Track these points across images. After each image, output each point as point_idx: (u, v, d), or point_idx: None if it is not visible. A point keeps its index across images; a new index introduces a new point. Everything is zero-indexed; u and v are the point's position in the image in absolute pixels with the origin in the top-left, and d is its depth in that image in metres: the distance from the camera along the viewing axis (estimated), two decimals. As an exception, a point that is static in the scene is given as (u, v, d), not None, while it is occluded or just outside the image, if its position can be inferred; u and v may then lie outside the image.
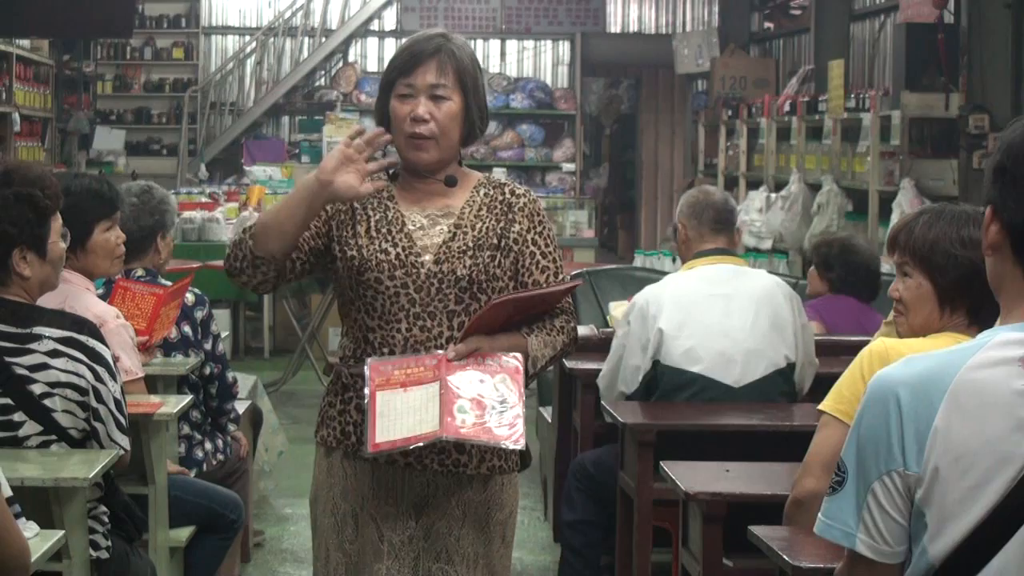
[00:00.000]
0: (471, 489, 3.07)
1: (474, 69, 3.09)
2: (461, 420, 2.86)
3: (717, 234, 4.83)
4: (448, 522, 3.06)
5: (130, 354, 4.18)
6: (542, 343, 3.04)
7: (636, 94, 18.71)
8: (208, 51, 17.47)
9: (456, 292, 3.02)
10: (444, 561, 3.05)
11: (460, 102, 3.05)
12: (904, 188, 9.10)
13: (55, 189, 3.48)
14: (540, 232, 3.10)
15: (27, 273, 3.43)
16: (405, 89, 3.04)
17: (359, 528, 3.08)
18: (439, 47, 3.05)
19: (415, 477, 3.05)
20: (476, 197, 3.10)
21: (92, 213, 4.26)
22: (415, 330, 3.01)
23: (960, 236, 3.09)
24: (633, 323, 4.70)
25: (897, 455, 1.93)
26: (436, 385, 2.88)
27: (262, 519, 6.33)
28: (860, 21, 12.80)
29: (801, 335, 4.71)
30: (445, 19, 16.93)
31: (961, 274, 3.09)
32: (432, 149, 3.05)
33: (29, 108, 13.36)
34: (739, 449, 4.22)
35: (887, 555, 1.96)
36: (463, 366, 2.92)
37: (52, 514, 3.32)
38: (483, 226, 3.06)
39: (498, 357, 2.95)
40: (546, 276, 3.08)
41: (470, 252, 3.03)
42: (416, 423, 2.86)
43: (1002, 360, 1.91)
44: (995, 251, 2.00)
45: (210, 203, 11.65)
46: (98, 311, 4.08)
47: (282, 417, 7.37)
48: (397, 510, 3.05)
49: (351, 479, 3.09)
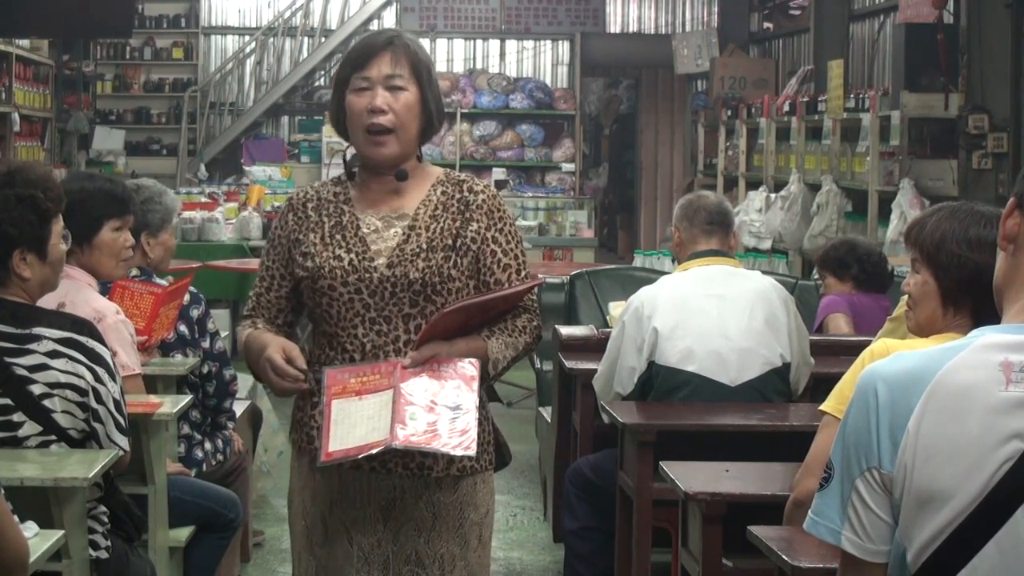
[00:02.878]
0: (440, 491, 3.05)
1: (428, 61, 3.08)
2: (412, 428, 2.84)
3: (710, 236, 4.84)
4: (416, 525, 3.04)
5: (128, 350, 4.18)
6: (503, 344, 3.02)
7: (636, 94, 18.71)
8: (208, 51, 17.47)
9: (410, 295, 2.99)
10: (414, 564, 3.04)
11: (417, 93, 3.03)
12: (904, 188, 9.10)
13: (57, 191, 3.48)
14: (500, 229, 3.05)
15: (27, 274, 3.42)
16: (361, 83, 3.01)
17: (328, 533, 3.08)
18: (391, 39, 3.05)
19: (381, 481, 3.04)
20: (432, 196, 3.07)
21: (103, 210, 4.27)
22: (372, 335, 3.00)
23: (968, 236, 3.05)
24: (628, 324, 4.71)
25: (875, 453, 1.92)
26: (390, 393, 2.87)
27: (261, 519, 6.33)
28: (860, 21, 12.80)
29: (796, 335, 4.72)
30: (444, 19, 16.94)
31: (964, 275, 3.06)
32: (392, 143, 3.01)
33: (29, 108, 13.35)
34: (738, 449, 4.22)
35: (872, 553, 1.95)
36: (417, 372, 2.90)
37: (52, 514, 3.31)
38: (438, 227, 3.02)
39: (454, 363, 2.93)
40: (508, 274, 3.05)
41: (423, 254, 2.99)
42: (369, 431, 2.85)
43: (983, 364, 1.87)
44: (1010, 242, 1.98)
45: (210, 203, 11.65)
46: (98, 306, 4.08)
47: (281, 417, 7.35)
48: (365, 514, 3.05)
49: (320, 483, 3.09)
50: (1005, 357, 1.87)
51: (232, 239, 10.93)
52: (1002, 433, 1.85)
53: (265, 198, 11.92)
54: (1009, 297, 1.98)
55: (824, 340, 5.26)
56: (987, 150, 8.48)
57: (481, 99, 16.37)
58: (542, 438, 6.46)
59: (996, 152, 8.44)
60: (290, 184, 13.33)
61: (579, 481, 4.98)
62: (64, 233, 3.51)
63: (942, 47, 9.27)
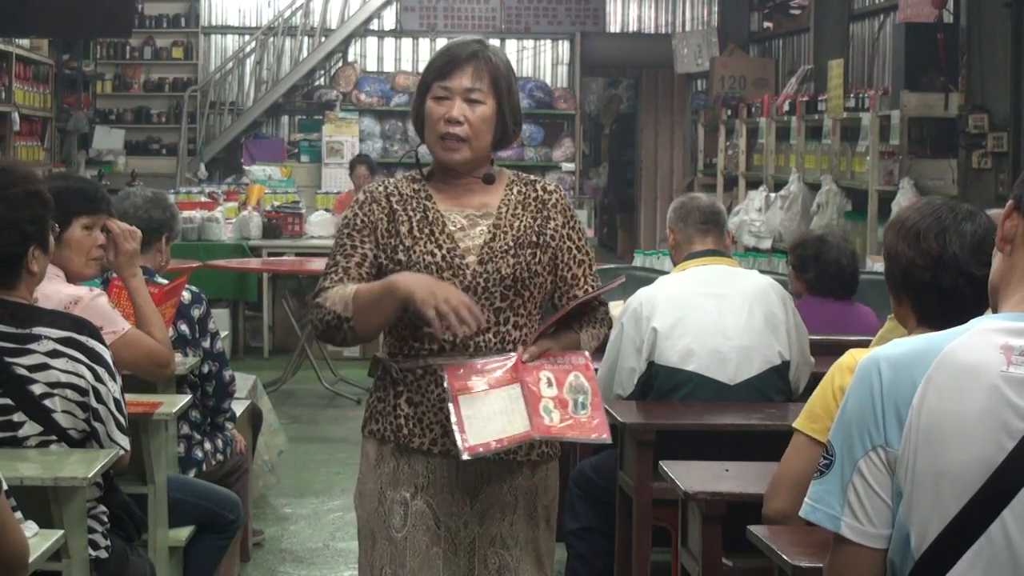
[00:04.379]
0: (521, 476, 3.20)
1: (509, 75, 3.19)
2: (549, 419, 3.00)
3: (705, 235, 4.85)
4: (501, 508, 3.18)
5: (113, 318, 4.18)
6: (590, 336, 3.21)
7: (636, 94, 18.71)
8: (208, 51, 17.45)
9: (501, 290, 3.13)
10: (499, 546, 3.18)
11: (494, 106, 3.16)
12: (903, 188, 9.10)
13: (46, 184, 3.52)
14: (573, 227, 3.23)
15: (35, 269, 3.44)
16: (441, 92, 3.14)
17: (409, 516, 3.15)
18: (475, 52, 3.16)
19: (468, 466, 3.13)
20: (510, 196, 3.21)
21: (74, 207, 4.23)
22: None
23: (915, 231, 2.91)
24: (626, 325, 4.71)
25: (880, 430, 1.94)
26: (517, 387, 3.02)
27: (261, 519, 6.33)
28: (860, 21, 12.80)
29: (795, 334, 4.72)
30: (445, 19, 16.93)
31: (896, 268, 2.95)
32: (463, 150, 3.15)
33: (29, 108, 13.35)
34: (738, 449, 4.22)
35: (871, 537, 1.96)
36: (538, 367, 3.06)
37: (51, 514, 3.32)
38: (520, 224, 3.17)
39: (567, 356, 3.10)
40: (583, 268, 3.23)
41: (512, 251, 3.14)
42: (505, 424, 2.99)
43: (984, 345, 1.91)
44: (1007, 243, 2.00)
45: (209, 203, 11.65)
46: (70, 291, 4.07)
47: (281, 417, 7.37)
48: (452, 497, 3.16)
49: (404, 470, 3.17)
50: (1005, 341, 1.90)
51: (232, 239, 10.93)
52: (1004, 413, 1.87)
53: (265, 198, 11.91)
54: (1006, 294, 2.00)
55: (824, 340, 5.26)
56: (987, 150, 8.48)
57: (481, 99, 16.35)
58: (542, 438, 6.45)
59: (996, 152, 8.44)
60: (290, 184, 13.32)
61: (582, 482, 4.98)
62: (52, 225, 3.52)
63: (942, 47, 9.27)
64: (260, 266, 10.25)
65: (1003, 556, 1.86)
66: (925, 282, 2.89)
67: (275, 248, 10.88)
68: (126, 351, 4.10)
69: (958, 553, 1.88)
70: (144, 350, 4.22)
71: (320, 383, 9.41)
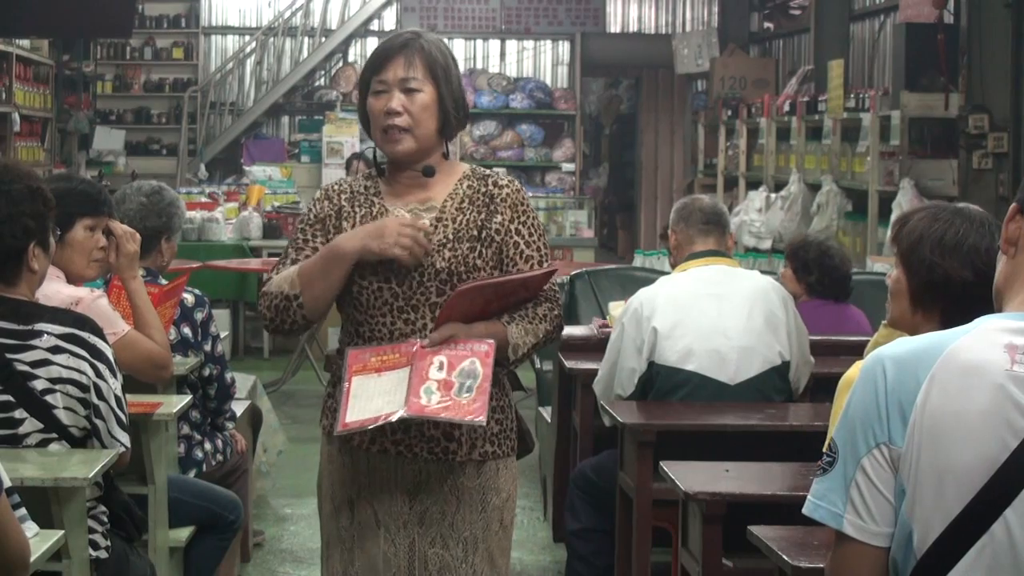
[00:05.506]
0: (464, 475, 3.15)
1: (445, 60, 3.17)
2: (427, 400, 2.95)
3: (707, 236, 4.85)
4: (441, 507, 3.15)
5: (113, 319, 4.17)
6: (523, 331, 3.09)
7: (636, 94, 18.70)
8: (208, 51, 17.46)
9: (437, 284, 3.10)
10: (440, 546, 3.14)
11: (432, 93, 3.14)
12: (904, 188, 9.10)
13: (48, 185, 3.52)
14: (524, 222, 3.16)
15: (36, 267, 3.44)
16: (379, 86, 3.16)
17: (355, 514, 3.18)
18: (407, 42, 3.16)
19: (407, 465, 3.14)
20: (459, 190, 3.18)
21: (77, 208, 4.22)
22: (399, 323, 3.10)
23: (943, 242, 2.91)
24: (627, 326, 4.71)
25: (884, 428, 1.94)
26: (407, 370, 2.98)
27: (261, 519, 6.33)
28: (860, 21, 12.81)
29: (795, 334, 4.72)
30: (445, 19, 16.94)
31: (933, 280, 2.91)
32: (406, 140, 3.13)
33: (29, 108, 13.35)
34: (738, 449, 4.22)
35: (873, 535, 1.96)
36: (436, 351, 3.00)
37: (52, 514, 3.32)
38: (464, 219, 3.13)
39: (470, 343, 3.02)
40: (530, 264, 3.14)
41: (449, 244, 3.10)
42: (384, 404, 2.96)
43: (988, 344, 1.91)
44: (1011, 245, 2.00)
45: (210, 203, 11.67)
46: (70, 292, 4.07)
47: (282, 417, 7.37)
48: (392, 497, 3.15)
49: (348, 467, 3.20)
50: (1010, 340, 1.91)
51: (232, 239, 10.93)
52: (1008, 411, 1.87)
53: (265, 198, 11.92)
54: (1009, 296, 2.01)
55: (824, 340, 5.26)
56: (987, 150, 8.48)
57: (481, 99, 16.37)
58: (542, 438, 6.46)
59: (996, 152, 8.44)
60: (290, 184, 13.32)
61: (582, 483, 4.98)
62: (52, 225, 3.52)
63: (942, 47, 9.27)
64: (260, 266, 10.24)
65: (1006, 554, 1.87)
66: (967, 289, 2.84)
67: (275, 248, 10.87)
68: (125, 353, 4.09)
69: (961, 551, 1.88)
70: (143, 352, 4.22)
71: (320, 383, 9.40)
